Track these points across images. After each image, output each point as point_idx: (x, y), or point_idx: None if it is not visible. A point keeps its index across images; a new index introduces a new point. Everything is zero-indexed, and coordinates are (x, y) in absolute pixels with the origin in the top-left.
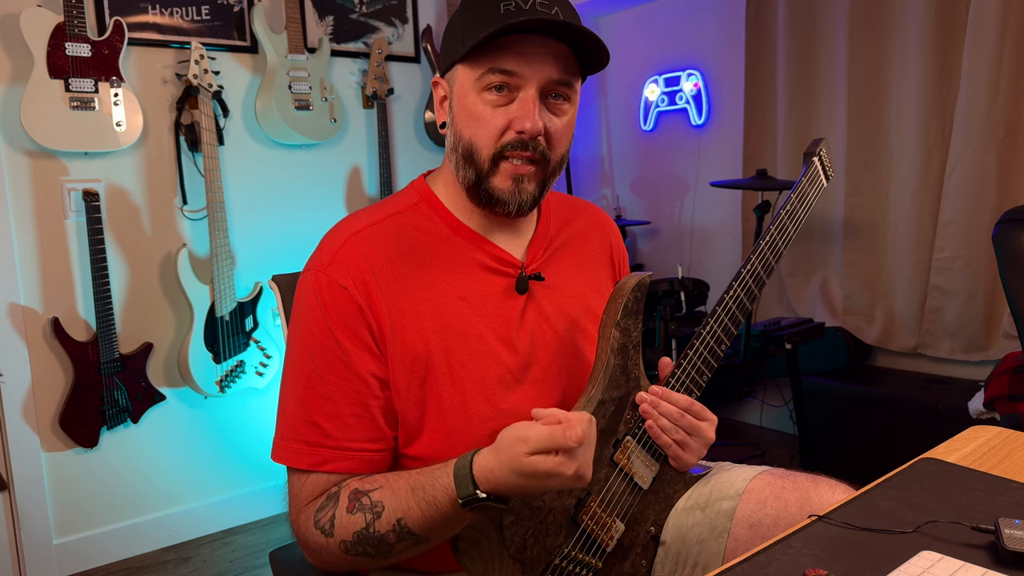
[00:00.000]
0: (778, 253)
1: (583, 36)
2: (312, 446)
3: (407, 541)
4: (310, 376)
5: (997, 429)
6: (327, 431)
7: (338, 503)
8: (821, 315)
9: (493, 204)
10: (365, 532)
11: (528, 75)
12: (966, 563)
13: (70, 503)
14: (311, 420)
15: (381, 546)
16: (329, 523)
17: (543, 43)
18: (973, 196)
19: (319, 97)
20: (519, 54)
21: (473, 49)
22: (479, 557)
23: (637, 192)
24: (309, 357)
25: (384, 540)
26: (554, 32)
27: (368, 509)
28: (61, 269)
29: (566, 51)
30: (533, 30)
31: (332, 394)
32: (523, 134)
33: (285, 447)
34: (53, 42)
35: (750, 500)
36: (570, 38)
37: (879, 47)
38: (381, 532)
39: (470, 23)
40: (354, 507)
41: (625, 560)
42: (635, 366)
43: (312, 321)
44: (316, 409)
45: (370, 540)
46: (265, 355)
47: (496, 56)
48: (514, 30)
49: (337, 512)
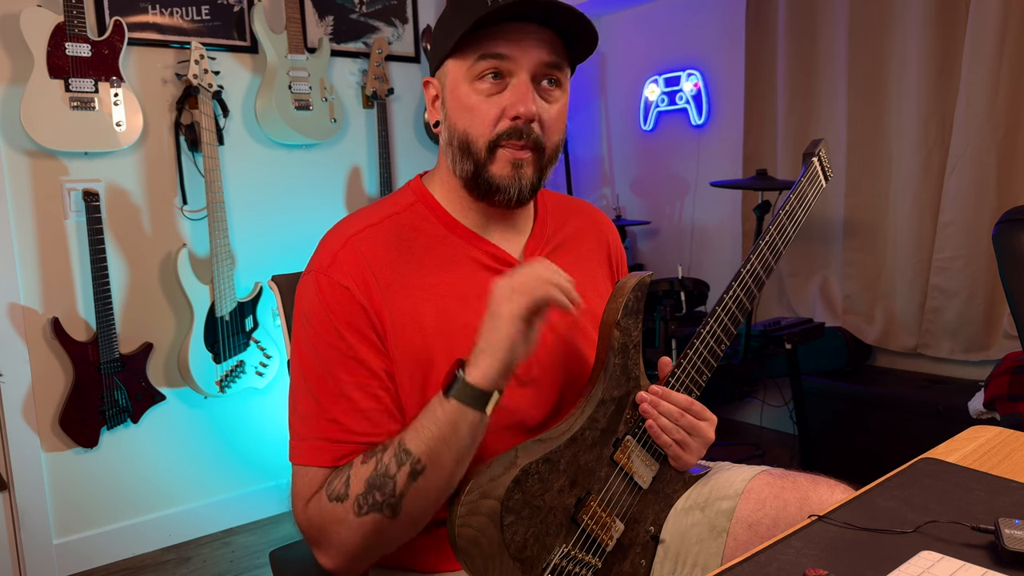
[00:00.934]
0: (777, 253)
1: (572, 19)
2: (334, 443)
3: (405, 466)
4: (322, 376)
5: (997, 429)
6: (348, 427)
7: (352, 464)
8: (821, 315)
9: (493, 193)
10: (375, 472)
11: (519, 58)
12: (966, 563)
13: (70, 503)
14: (330, 418)
15: (385, 483)
16: (344, 485)
17: (531, 29)
18: (973, 196)
19: (319, 97)
20: (509, 39)
21: (463, 37)
22: (479, 556)
23: (637, 192)
24: (319, 358)
25: (387, 473)
26: (543, 18)
27: (379, 450)
28: (61, 269)
29: (554, 37)
30: (524, 15)
31: (347, 391)
32: (518, 120)
33: (304, 446)
34: (53, 42)
35: (749, 500)
36: (559, 23)
37: (879, 47)
38: (386, 462)
39: (458, 18)
40: (367, 457)
41: (625, 559)
42: (635, 365)
43: (317, 322)
44: (333, 407)
45: (377, 480)
46: (265, 355)
47: (486, 43)
48: (506, 15)
49: (352, 471)
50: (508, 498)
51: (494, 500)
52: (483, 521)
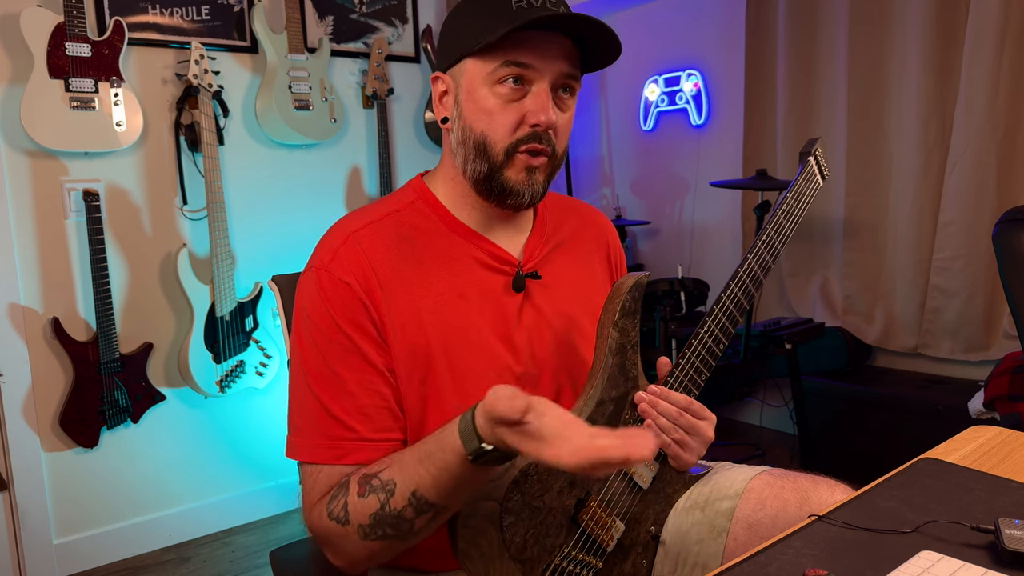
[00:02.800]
0: (775, 253)
1: (600, 33)
2: (333, 440)
3: (426, 514)
4: (322, 372)
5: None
6: (348, 424)
7: (348, 491)
8: (821, 315)
9: (505, 196)
10: (381, 512)
11: (542, 68)
12: (966, 563)
13: (70, 503)
14: (330, 414)
15: (400, 524)
16: (343, 511)
17: (555, 39)
18: (973, 196)
19: (319, 97)
20: (534, 48)
21: (491, 42)
22: (479, 557)
23: (637, 192)
24: (319, 354)
25: (402, 516)
26: (570, 29)
27: (380, 489)
28: (61, 269)
29: (573, 47)
30: (556, 27)
31: (348, 387)
32: (538, 127)
33: (303, 443)
34: (53, 42)
35: (749, 500)
36: (580, 34)
37: (879, 47)
38: (397, 509)
39: (483, 19)
40: (365, 491)
41: (626, 560)
42: (633, 366)
43: (318, 318)
44: (334, 403)
45: (388, 520)
46: (265, 355)
47: (511, 50)
48: (539, 26)
49: (348, 499)
50: (507, 499)
51: (493, 502)
52: (483, 523)
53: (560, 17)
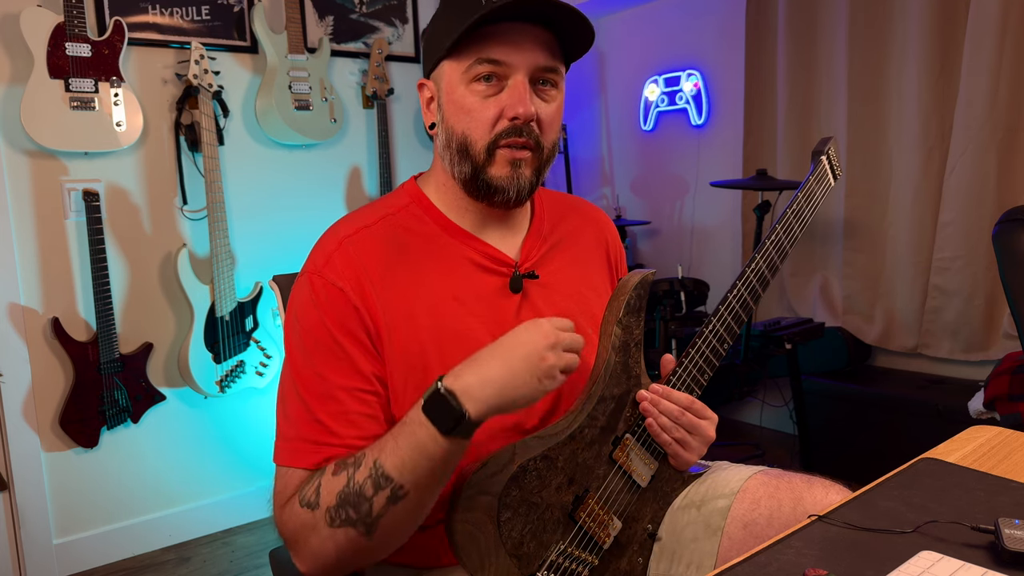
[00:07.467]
0: (783, 253)
1: (566, 16)
2: (317, 444)
3: (384, 490)
4: (311, 376)
5: (997, 429)
6: (332, 429)
7: (324, 472)
8: (821, 315)
9: (492, 194)
10: (346, 489)
11: (516, 62)
12: (966, 563)
13: (70, 503)
14: (315, 419)
15: (360, 503)
16: (315, 493)
17: (527, 30)
18: (973, 196)
19: (319, 97)
20: (505, 42)
21: (458, 41)
22: (476, 552)
23: (637, 192)
24: (308, 358)
25: (362, 493)
26: (538, 17)
27: (351, 464)
28: (61, 269)
29: (550, 37)
30: (516, 15)
31: (334, 392)
32: (516, 120)
33: (287, 447)
34: (53, 42)
35: (745, 499)
36: (554, 21)
37: (879, 47)
38: (359, 482)
39: (453, 19)
40: (338, 469)
41: (622, 557)
42: (636, 364)
43: (309, 322)
44: (320, 408)
45: (351, 498)
46: (265, 355)
47: (482, 46)
48: (499, 16)
49: (323, 480)
50: (505, 495)
51: (491, 496)
52: (480, 517)
53: (512, 5)
